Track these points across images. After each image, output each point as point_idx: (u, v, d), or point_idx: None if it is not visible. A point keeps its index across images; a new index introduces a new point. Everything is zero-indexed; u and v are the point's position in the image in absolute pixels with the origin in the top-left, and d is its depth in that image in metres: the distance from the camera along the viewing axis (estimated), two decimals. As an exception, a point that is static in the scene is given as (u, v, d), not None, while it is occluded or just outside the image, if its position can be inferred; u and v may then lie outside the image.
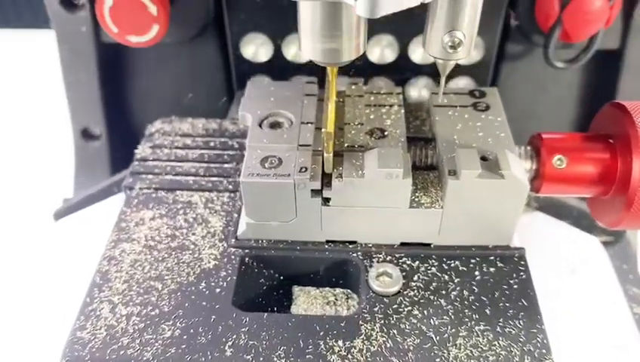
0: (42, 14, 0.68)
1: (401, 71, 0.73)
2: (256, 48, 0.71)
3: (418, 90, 0.75)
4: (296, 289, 0.50)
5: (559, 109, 0.78)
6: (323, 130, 0.46)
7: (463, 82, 0.74)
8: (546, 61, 0.65)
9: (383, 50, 0.71)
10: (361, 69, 0.72)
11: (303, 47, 0.40)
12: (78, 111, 0.75)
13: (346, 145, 0.48)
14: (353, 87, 0.55)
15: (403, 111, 0.52)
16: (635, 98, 0.66)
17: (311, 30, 0.39)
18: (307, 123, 0.49)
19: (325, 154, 0.45)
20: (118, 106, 0.78)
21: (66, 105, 0.75)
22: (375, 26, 0.68)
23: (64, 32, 0.69)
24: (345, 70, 0.71)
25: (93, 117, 0.75)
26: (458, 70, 0.71)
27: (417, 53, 0.71)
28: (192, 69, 0.75)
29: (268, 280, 0.49)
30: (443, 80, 0.45)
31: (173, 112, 0.75)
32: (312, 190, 0.46)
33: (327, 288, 0.50)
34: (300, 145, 0.47)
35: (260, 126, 0.49)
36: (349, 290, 0.49)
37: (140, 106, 0.79)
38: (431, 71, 0.73)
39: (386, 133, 0.49)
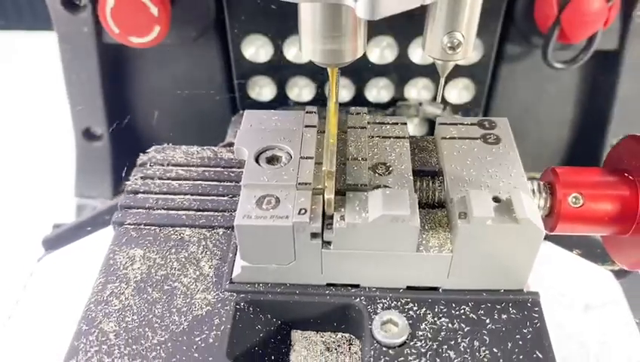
0: (43, 16, 0.70)
1: (401, 72, 0.75)
2: (256, 49, 0.73)
3: (417, 90, 0.77)
4: (295, 334, 0.47)
5: (558, 110, 0.80)
6: (324, 168, 0.43)
7: (463, 83, 0.76)
8: (544, 62, 0.67)
9: (382, 51, 0.73)
10: (362, 70, 0.75)
11: (303, 48, 0.39)
12: (79, 111, 0.77)
13: (348, 183, 0.45)
14: (355, 116, 0.51)
15: (408, 143, 0.49)
16: (634, 98, 0.75)
17: (311, 31, 0.38)
18: (307, 158, 0.46)
19: (326, 196, 0.42)
20: (120, 106, 0.79)
21: (67, 105, 0.76)
22: (375, 27, 0.70)
23: (66, 32, 0.70)
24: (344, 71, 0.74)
25: (94, 117, 0.77)
26: (457, 71, 0.73)
27: (417, 54, 0.73)
28: (193, 70, 0.76)
29: (265, 325, 0.45)
30: (442, 81, 0.44)
31: (174, 112, 0.82)
32: (311, 233, 0.43)
33: (328, 333, 0.47)
34: (299, 184, 0.44)
35: (257, 160, 0.46)
36: (351, 335, 0.46)
37: (141, 106, 0.81)
38: (430, 72, 0.75)
39: (390, 168, 0.46)
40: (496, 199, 0.43)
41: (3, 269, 0.67)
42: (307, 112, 0.50)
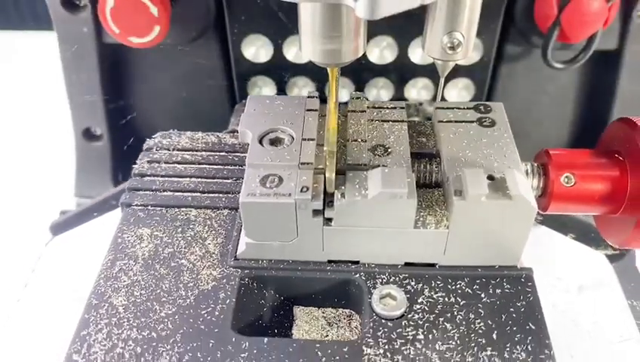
0: (43, 16, 0.69)
1: (401, 72, 0.74)
2: (256, 49, 0.72)
3: (417, 90, 0.77)
4: (297, 309, 0.48)
5: (558, 110, 0.79)
6: (325, 148, 0.44)
7: (462, 83, 0.75)
8: (544, 62, 0.66)
9: (382, 51, 0.72)
10: (361, 70, 0.74)
11: (303, 48, 0.39)
12: (79, 111, 0.76)
13: (348, 163, 0.47)
14: (356, 100, 0.53)
15: (406, 126, 0.50)
16: (633, 98, 0.73)
17: (311, 31, 0.38)
18: (308, 139, 0.48)
19: (327, 174, 0.44)
20: (120, 107, 0.78)
21: (67, 105, 0.75)
22: (375, 27, 0.69)
23: (66, 32, 0.70)
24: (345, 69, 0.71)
25: (94, 117, 0.76)
26: (457, 71, 0.72)
27: (417, 54, 0.72)
28: (194, 70, 0.75)
29: (268, 301, 0.47)
30: (442, 81, 0.46)
31: (175, 112, 0.80)
32: (313, 210, 0.44)
33: (329, 308, 0.48)
34: (302, 164, 0.46)
35: (261, 142, 0.48)
36: (351, 311, 0.48)
37: (141, 107, 0.80)
38: (430, 72, 0.74)
39: (389, 149, 0.48)
40: (490, 177, 0.45)
41: (5, 270, 0.67)
42: (309, 97, 0.52)
